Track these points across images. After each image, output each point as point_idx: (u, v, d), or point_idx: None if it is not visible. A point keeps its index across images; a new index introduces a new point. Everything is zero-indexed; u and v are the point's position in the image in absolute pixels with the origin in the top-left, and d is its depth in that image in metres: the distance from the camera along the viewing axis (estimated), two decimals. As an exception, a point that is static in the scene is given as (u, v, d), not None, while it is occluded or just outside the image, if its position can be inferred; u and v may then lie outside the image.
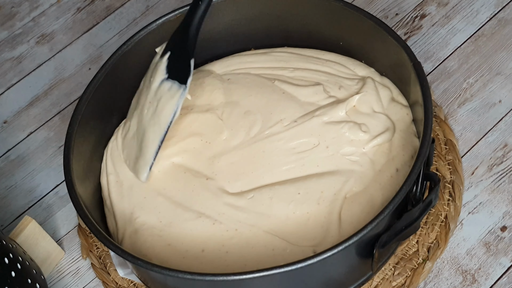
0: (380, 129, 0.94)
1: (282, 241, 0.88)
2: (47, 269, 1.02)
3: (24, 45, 1.31)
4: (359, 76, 1.01)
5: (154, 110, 0.93)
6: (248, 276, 0.78)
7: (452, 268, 0.95)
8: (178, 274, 0.80)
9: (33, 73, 1.27)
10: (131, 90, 1.06)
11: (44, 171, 1.14)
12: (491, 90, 1.09)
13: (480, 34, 1.15)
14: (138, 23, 1.29)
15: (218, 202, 0.92)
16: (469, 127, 1.06)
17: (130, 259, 0.83)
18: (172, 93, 0.92)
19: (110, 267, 1.01)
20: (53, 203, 1.11)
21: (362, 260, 0.86)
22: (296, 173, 0.93)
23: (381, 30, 0.96)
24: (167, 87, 0.93)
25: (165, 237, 0.91)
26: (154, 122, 0.93)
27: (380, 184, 0.90)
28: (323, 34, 1.05)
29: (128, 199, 0.95)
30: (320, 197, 0.90)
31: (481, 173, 1.01)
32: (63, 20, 1.33)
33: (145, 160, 0.95)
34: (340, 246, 0.78)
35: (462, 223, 0.98)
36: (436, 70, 1.12)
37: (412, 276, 0.94)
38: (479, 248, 0.96)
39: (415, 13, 1.20)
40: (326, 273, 0.86)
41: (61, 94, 1.23)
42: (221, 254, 0.89)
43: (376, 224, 0.80)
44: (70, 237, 1.07)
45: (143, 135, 0.95)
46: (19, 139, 1.19)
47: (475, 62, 1.12)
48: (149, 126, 0.94)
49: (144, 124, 0.95)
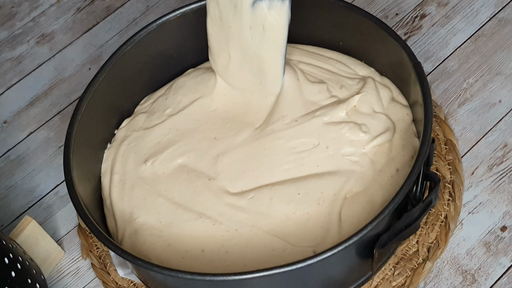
0: (380, 129, 0.94)
1: (282, 242, 0.88)
2: (47, 269, 1.02)
3: (24, 45, 1.31)
4: (359, 76, 1.01)
5: (261, 32, 0.94)
6: (248, 276, 0.78)
7: (452, 268, 0.95)
8: (178, 274, 0.80)
9: (33, 73, 1.27)
10: (131, 90, 1.06)
11: (44, 171, 1.15)
12: (491, 90, 1.09)
13: (480, 34, 1.15)
14: (138, 23, 1.29)
15: (219, 202, 0.93)
16: (469, 127, 1.06)
17: (130, 259, 0.83)
18: (276, 9, 0.92)
19: (110, 267, 1.01)
20: (53, 203, 1.11)
21: (362, 260, 0.86)
22: (296, 173, 0.93)
23: (381, 30, 0.96)
24: (266, 6, 0.92)
25: (165, 237, 0.91)
26: (267, 42, 0.94)
27: (380, 184, 0.90)
28: (323, 34, 1.05)
29: (128, 199, 0.96)
30: (320, 197, 0.90)
31: (481, 173, 1.02)
32: (63, 20, 1.33)
33: (273, 76, 0.96)
34: (340, 246, 0.79)
35: (462, 223, 0.98)
36: (436, 70, 1.13)
37: (412, 276, 0.94)
38: (479, 248, 0.96)
39: (415, 13, 1.20)
40: (326, 273, 0.86)
41: (61, 94, 1.23)
42: (221, 254, 0.89)
43: (376, 224, 0.80)
44: (70, 237, 1.07)
45: (258, 59, 0.96)
46: (19, 139, 1.19)
47: (475, 62, 1.12)
48: (262, 49, 0.95)
49: (255, 50, 0.95)
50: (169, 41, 1.06)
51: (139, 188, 0.96)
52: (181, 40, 1.06)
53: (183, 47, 1.07)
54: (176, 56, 1.08)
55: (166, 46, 1.06)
